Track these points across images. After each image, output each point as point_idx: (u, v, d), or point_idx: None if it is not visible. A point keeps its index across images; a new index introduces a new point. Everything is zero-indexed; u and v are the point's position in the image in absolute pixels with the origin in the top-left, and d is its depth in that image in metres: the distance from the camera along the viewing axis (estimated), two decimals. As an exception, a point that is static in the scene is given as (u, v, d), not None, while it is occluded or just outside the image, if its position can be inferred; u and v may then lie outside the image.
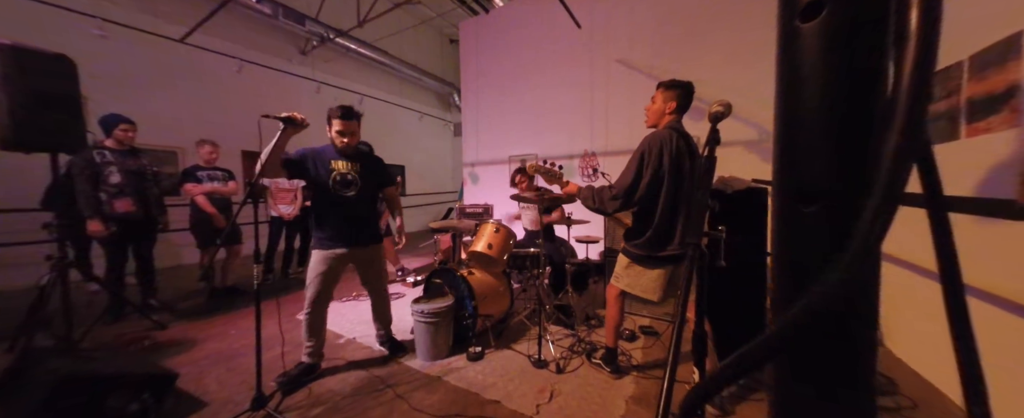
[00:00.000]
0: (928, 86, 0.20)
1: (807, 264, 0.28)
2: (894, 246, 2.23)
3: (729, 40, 3.82)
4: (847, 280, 0.20)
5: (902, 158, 0.20)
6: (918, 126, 0.20)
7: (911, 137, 0.20)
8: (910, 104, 0.20)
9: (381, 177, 2.15)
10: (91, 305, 2.88)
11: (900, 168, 0.20)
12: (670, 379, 0.72)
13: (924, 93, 0.20)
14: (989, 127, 1.53)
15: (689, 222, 1.67)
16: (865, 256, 0.21)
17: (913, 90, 0.20)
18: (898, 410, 1.66)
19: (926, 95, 0.20)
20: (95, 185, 2.59)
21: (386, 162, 2.25)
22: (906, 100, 0.20)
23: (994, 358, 1.47)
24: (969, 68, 1.63)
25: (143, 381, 1.59)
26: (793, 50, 0.28)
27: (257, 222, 1.63)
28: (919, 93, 0.20)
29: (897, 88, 0.21)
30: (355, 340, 2.47)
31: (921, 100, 0.20)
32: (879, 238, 0.20)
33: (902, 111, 0.20)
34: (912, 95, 0.20)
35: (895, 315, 2.23)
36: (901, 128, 0.20)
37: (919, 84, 0.20)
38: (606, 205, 1.72)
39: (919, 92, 0.20)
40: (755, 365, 0.25)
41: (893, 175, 0.20)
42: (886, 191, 0.20)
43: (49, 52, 1.96)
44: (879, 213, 0.20)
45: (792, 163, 0.29)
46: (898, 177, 0.20)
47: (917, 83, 0.20)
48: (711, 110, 1.10)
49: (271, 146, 1.64)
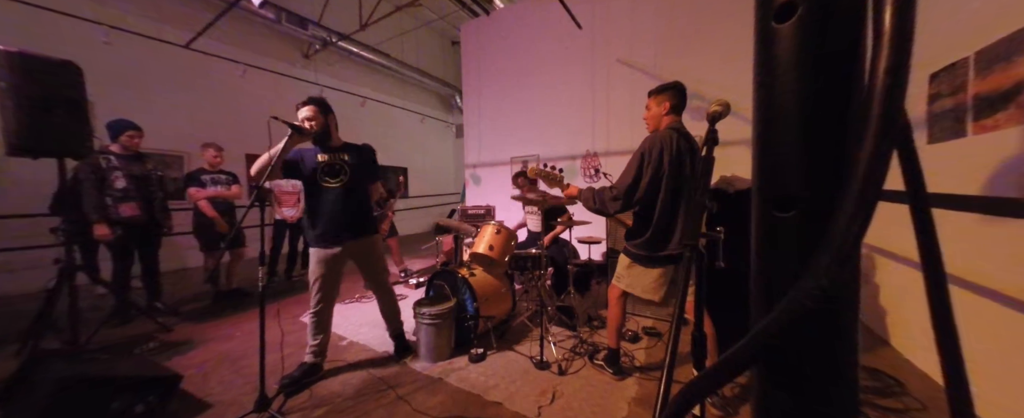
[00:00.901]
0: (902, 85, 0.20)
1: (785, 271, 0.28)
2: (900, 246, 2.20)
3: (730, 38, 3.79)
4: (824, 285, 0.20)
5: (876, 158, 0.20)
6: (891, 126, 0.20)
7: (884, 137, 0.19)
8: (884, 104, 0.19)
9: (370, 168, 2.11)
10: (97, 308, 2.92)
11: (874, 169, 0.20)
12: (667, 381, 0.72)
13: (898, 93, 0.20)
14: (996, 124, 1.50)
15: (686, 223, 1.67)
16: (842, 260, 0.20)
17: (887, 90, 0.19)
18: (906, 412, 1.63)
19: (899, 95, 0.20)
20: (101, 190, 2.63)
21: (389, 165, 2.25)
22: (880, 99, 0.20)
23: (1004, 357, 1.45)
24: (975, 64, 1.60)
25: (148, 383, 1.61)
26: (768, 52, 0.27)
27: (263, 225, 1.65)
28: (893, 92, 0.19)
29: (871, 87, 0.20)
30: (358, 342, 2.48)
31: (894, 99, 0.20)
32: (856, 241, 0.20)
33: (876, 110, 0.20)
34: (886, 95, 0.19)
35: (902, 316, 2.20)
36: (875, 128, 0.20)
37: (893, 83, 0.19)
38: (607, 206, 1.72)
39: (893, 91, 0.19)
40: (735, 371, 0.25)
41: (868, 176, 0.20)
42: (861, 193, 0.20)
43: (55, 59, 2.00)
44: (855, 216, 0.20)
45: (769, 167, 0.28)
46: (873, 178, 0.19)
47: (891, 82, 0.19)
48: (709, 110, 1.09)
49: (275, 151, 1.65)
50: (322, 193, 1.93)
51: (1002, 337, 1.45)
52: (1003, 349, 1.45)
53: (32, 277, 3.55)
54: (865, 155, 0.20)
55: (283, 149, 1.64)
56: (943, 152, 1.79)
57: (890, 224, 1.98)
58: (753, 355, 0.24)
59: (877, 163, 0.20)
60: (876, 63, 0.20)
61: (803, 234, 0.27)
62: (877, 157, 0.20)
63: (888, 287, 2.33)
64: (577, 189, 1.84)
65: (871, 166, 0.20)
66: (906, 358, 2.08)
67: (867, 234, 0.21)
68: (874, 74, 0.20)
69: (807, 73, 0.26)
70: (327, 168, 1.93)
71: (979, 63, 1.58)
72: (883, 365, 1.99)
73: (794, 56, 0.27)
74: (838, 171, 0.26)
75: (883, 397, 1.73)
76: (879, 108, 0.20)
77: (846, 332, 0.27)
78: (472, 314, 2.28)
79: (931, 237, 0.26)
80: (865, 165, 0.20)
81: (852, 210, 0.20)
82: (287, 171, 1.91)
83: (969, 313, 1.55)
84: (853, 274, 0.27)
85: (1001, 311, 1.45)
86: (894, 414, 1.62)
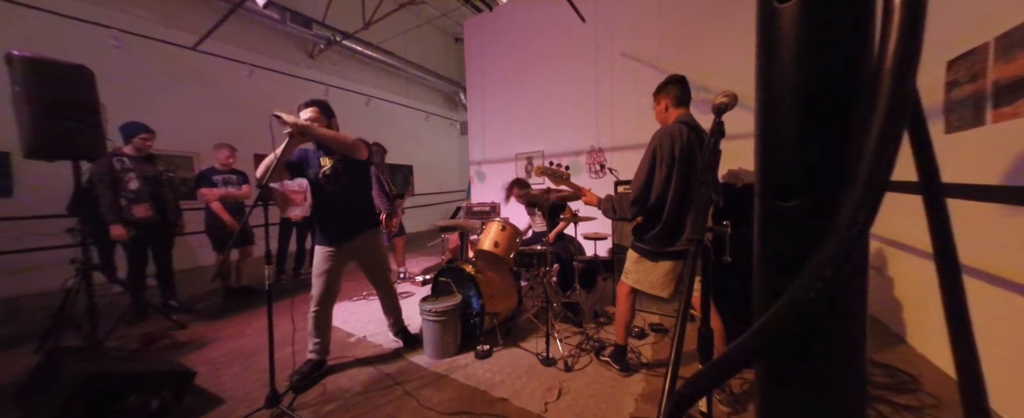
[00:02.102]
0: (914, 60, 0.18)
1: (788, 263, 0.27)
2: (916, 238, 2.14)
3: (736, 28, 3.71)
4: (828, 277, 0.19)
5: (886, 139, 0.18)
6: (903, 104, 0.18)
7: (895, 117, 0.18)
8: (894, 80, 0.18)
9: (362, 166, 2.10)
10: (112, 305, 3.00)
11: (884, 151, 0.18)
12: (672, 377, 0.71)
13: (909, 68, 0.18)
14: (1017, 112, 1.44)
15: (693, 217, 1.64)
16: (847, 251, 0.19)
17: (898, 65, 0.18)
18: (921, 409, 1.59)
19: (911, 71, 0.18)
20: (115, 191, 2.68)
21: (394, 164, 2.27)
22: (890, 76, 0.18)
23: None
24: (995, 50, 1.54)
25: (163, 379, 1.65)
26: (771, 33, 0.26)
27: (268, 224, 1.67)
28: (904, 68, 0.18)
29: (881, 63, 0.19)
30: (366, 338, 2.51)
31: (906, 76, 0.18)
32: (863, 230, 0.19)
33: (886, 88, 0.18)
34: (896, 70, 0.18)
35: (918, 312, 2.15)
36: (884, 106, 0.18)
37: (904, 58, 0.18)
38: (627, 212, 1.71)
39: (904, 67, 0.18)
40: (736, 367, 0.24)
41: (875, 162, 0.18)
42: (869, 178, 0.18)
43: (67, 62, 2.04)
44: (862, 203, 0.19)
45: (771, 154, 0.27)
46: (881, 162, 0.18)
47: (902, 57, 0.18)
48: (715, 101, 1.07)
49: (276, 153, 1.67)
50: (324, 195, 1.98)
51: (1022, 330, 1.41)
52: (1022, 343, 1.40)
53: (50, 276, 3.66)
54: (874, 136, 0.19)
55: (284, 151, 1.66)
56: (961, 141, 1.73)
57: (905, 215, 1.93)
58: (756, 350, 0.23)
59: (886, 145, 0.18)
60: (886, 38, 0.19)
61: (807, 224, 0.26)
62: (886, 138, 0.18)
63: (904, 281, 2.28)
64: (596, 198, 1.83)
65: (880, 148, 0.18)
66: (922, 354, 2.03)
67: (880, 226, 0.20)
68: (883, 50, 0.19)
69: (810, 54, 0.25)
70: (326, 178, 1.97)
71: (999, 49, 1.52)
72: (898, 361, 1.95)
73: (797, 36, 0.25)
74: (844, 157, 0.24)
75: (897, 393, 1.70)
76: (889, 85, 0.18)
77: (852, 326, 0.26)
78: (478, 311, 2.29)
79: (945, 228, 0.25)
80: (873, 147, 0.18)
81: (859, 197, 0.19)
82: (294, 172, 1.95)
83: (989, 308, 1.51)
84: (860, 265, 0.26)
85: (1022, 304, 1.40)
86: (908, 411, 1.59)
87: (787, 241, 0.27)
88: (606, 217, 1.79)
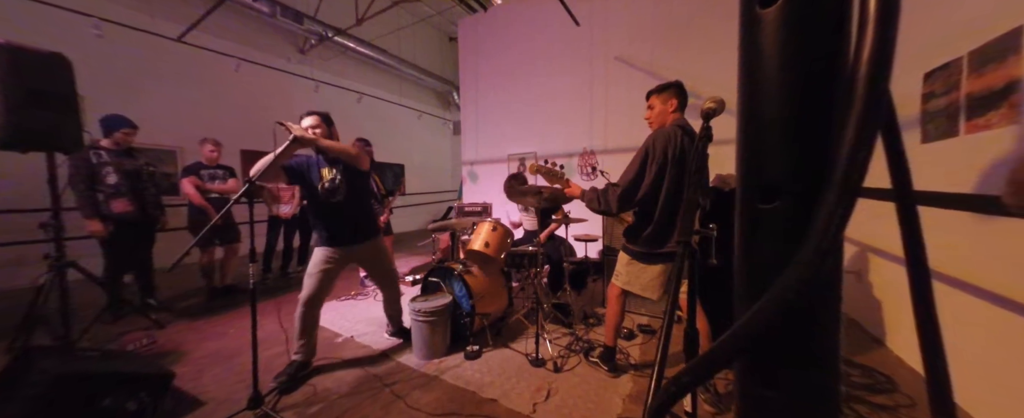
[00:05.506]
0: (887, 66, 0.19)
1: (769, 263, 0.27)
2: (896, 245, 2.21)
3: (727, 35, 3.79)
4: (806, 278, 0.20)
5: (860, 143, 0.19)
6: (876, 108, 0.19)
7: (868, 120, 0.19)
8: (868, 85, 0.19)
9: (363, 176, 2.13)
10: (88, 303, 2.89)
11: (858, 154, 0.19)
12: (658, 377, 0.72)
13: (882, 73, 0.19)
14: (988, 123, 1.51)
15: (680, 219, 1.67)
16: (823, 253, 0.20)
17: (871, 70, 0.19)
18: (896, 408, 1.65)
19: (884, 76, 0.19)
20: (92, 186, 2.59)
21: (385, 162, 2.28)
22: (864, 80, 0.19)
23: (993, 354, 1.46)
24: (968, 64, 1.61)
25: (140, 380, 1.59)
26: (753, 38, 0.27)
27: (253, 221, 1.63)
28: (877, 73, 0.19)
29: (855, 68, 0.20)
30: (353, 339, 2.48)
31: (879, 80, 0.19)
32: (838, 232, 0.19)
33: (860, 92, 0.19)
34: (870, 75, 0.19)
35: (895, 315, 2.22)
36: (859, 110, 0.19)
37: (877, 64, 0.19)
38: (611, 205, 1.71)
39: (877, 72, 0.19)
40: (718, 366, 0.25)
41: (850, 163, 0.19)
42: (843, 181, 0.19)
43: (44, 51, 1.96)
44: (837, 205, 0.19)
45: (752, 157, 0.28)
46: (855, 165, 0.19)
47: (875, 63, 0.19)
48: (704, 107, 1.09)
49: (275, 154, 1.65)
50: (325, 207, 1.99)
51: (997, 336, 1.47)
52: (997, 348, 1.46)
53: (22, 273, 3.51)
54: (848, 138, 0.19)
55: (282, 152, 1.65)
56: (936, 151, 1.80)
57: (883, 221, 1.99)
58: (736, 349, 0.24)
59: (860, 148, 0.19)
60: (861, 44, 0.20)
61: (787, 225, 0.26)
62: (861, 139, 0.19)
63: (883, 286, 2.35)
64: (579, 189, 1.83)
65: (854, 151, 0.19)
66: (898, 356, 2.10)
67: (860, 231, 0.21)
68: (858, 55, 0.20)
69: (791, 59, 0.25)
70: (328, 189, 1.96)
71: (972, 63, 1.59)
72: (876, 363, 2.01)
73: (778, 42, 0.26)
74: (822, 160, 0.25)
75: (874, 394, 1.75)
76: (864, 87, 0.19)
77: (828, 326, 0.27)
78: (468, 311, 2.28)
79: (916, 233, 0.26)
80: (848, 149, 0.19)
81: (834, 200, 0.19)
82: (292, 178, 1.94)
83: (963, 313, 1.57)
84: (836, 267, 0.26)
85: (995, 311, 1.46)
86: (884, 410, 1.64)
87: (767, 242, 0.28)
88: (589, 209, 1.80)
